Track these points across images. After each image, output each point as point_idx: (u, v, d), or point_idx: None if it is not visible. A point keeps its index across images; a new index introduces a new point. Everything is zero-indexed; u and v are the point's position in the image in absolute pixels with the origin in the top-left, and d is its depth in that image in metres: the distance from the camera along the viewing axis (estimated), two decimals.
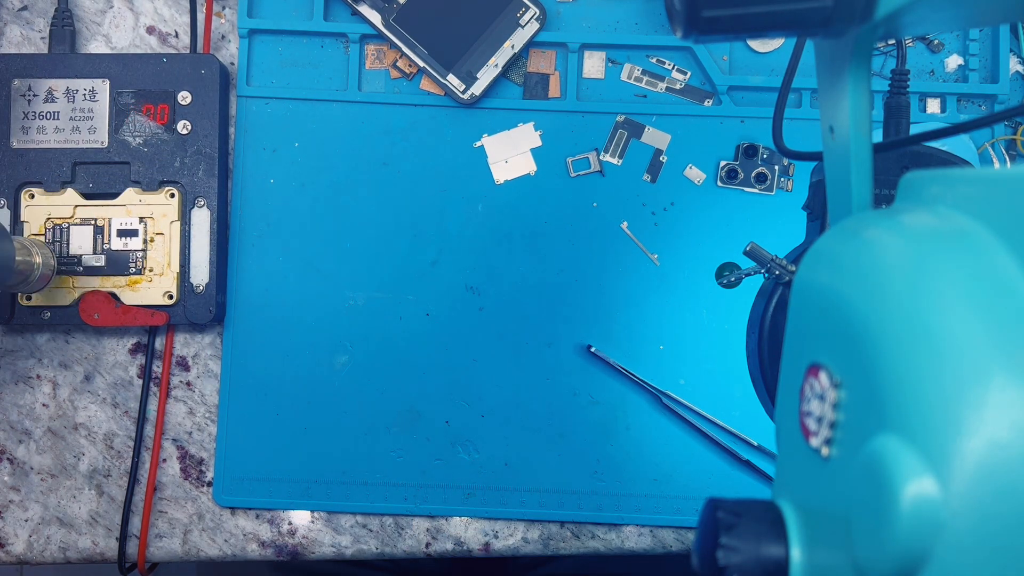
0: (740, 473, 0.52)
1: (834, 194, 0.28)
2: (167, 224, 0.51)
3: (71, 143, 0.51)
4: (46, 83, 0.51)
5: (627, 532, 0.52)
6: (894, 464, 0.17)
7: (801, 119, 0.53)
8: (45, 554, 0.52)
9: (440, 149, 0.53)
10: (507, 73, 0.53)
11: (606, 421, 0.52)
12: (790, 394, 0.24)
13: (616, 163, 0.53)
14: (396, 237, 0.53)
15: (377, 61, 0.54)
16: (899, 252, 0.20)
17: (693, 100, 0.53)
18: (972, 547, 0.17)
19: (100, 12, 0.54)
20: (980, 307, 0.18)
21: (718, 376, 0.52)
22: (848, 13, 0.23)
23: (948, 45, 0.54)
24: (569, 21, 0.54)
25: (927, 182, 0.23)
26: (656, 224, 0.53)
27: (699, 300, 0.53)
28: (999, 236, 0.19)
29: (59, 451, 0.53)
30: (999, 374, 0.17)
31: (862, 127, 0.26)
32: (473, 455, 0.52)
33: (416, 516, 0.53)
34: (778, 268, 0.36)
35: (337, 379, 0.53)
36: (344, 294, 0.53)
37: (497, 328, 0.53)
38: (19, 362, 0.53)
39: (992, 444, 0.17)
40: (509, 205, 0.53)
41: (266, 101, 0.53)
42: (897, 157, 0.38)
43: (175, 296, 0.51)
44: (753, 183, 0.53)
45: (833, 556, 0.20)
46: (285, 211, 0.53)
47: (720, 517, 0.22)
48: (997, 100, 0.53)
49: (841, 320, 0.21)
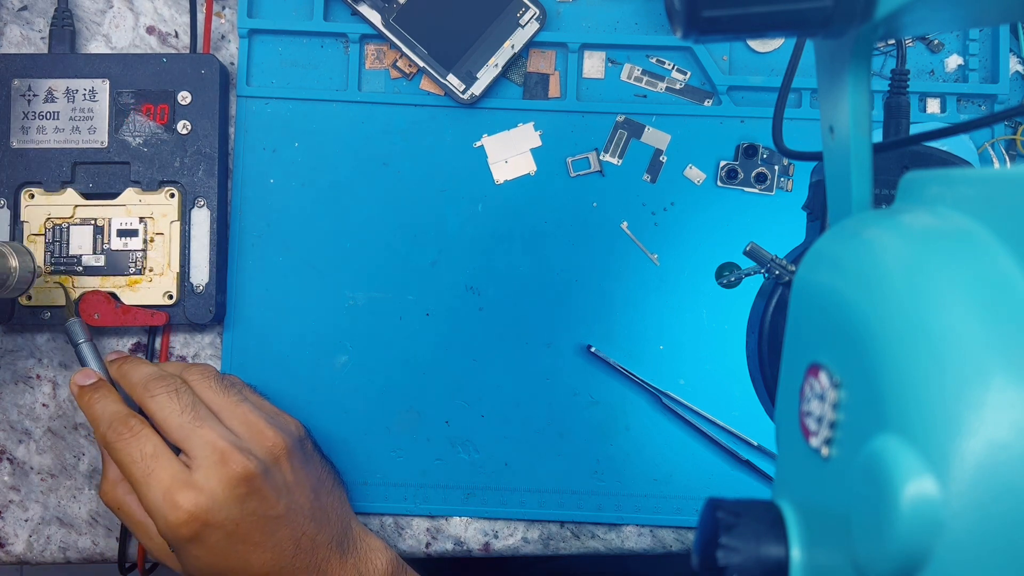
0: (740, 473, 0.52)
1: (834, 194, 0.28)
2: (167, 224, 0.51)
3: (71, 143, 0.51)
4: (46, 83, 0.51)
5: (627, 532, 0.52)
6: (894, 464, 0.17)
7: (801, 119, 0.53)
8: (45, 554, 0.52)
9: (440, 149, 0.53)
10: (507, 73, 0.53)
11: (606, 421, 0.52)
12: (790, 394, 0.24)
13: (616, 163, 0.53)
14: (396, 237, 0.53)
15: (377, 61, 0.54)
16: (899, 252, 0.20)
17: (693, 100, 0.53)
18: (972, 547, 0.17)
19: (100, 12, 0.54)
20: (980, 307, 0.18)
21: (718, 376, 0.52)
22: (848, 13, 0.23)
23: (948, 45, 0.54)
24: (569, 21, 0.54)
25: (927, 182, 0.23)
26: (656, 224, 0.53)
27: (699, 300, 0.53)
28: (999, 236, 0.19)
29: (59, 451, 0.53)
30: (999, 374, 0.17)
31: (862, 127, 0.26)
32: (473, 455, 0.52)
33: (416, 516, 0.53)
34: (778, 268, 0.36)
35: (337, 379, 0.53)
36: (344, 294, 0.53)
37: (497, 328, 0.53)
38: (19, 362, 0.53)
39: (992, 444, 0.17)
40: (509, 205, 0.53)
41: (266, 101, 0.53)
42: (897, 157, 0.38)
43: (175, 296, 0.51)
44: (753, 183, 0.53)
45: (833, 556, 0.20)
46: (285, 211, 0.53)
47: (720, 517, 0.22)
48: (997, 100, 0.53)
49: (841, 320, 0.21)
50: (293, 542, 0.44)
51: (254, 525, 0.43)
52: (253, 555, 0.43)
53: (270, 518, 0.44)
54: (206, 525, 0.42)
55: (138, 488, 0.43)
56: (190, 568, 0.44)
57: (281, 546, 0.44)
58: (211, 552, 0.43)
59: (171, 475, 0.42)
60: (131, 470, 0.43)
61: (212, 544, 0.42)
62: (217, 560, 0.43)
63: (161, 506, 0.42)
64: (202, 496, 0.42)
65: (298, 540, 0.45)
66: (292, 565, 0.44)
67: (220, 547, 0.43)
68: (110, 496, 0.46)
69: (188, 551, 0.43)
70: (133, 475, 0.43)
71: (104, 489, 0.47)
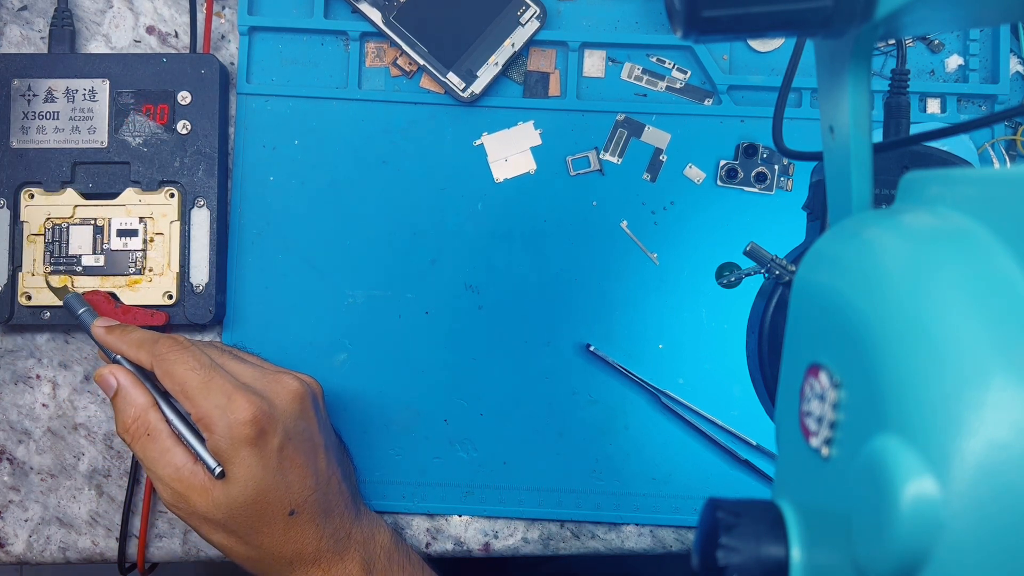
0: (739, 473, 0.52)
1: (834, 194, 0.28)
2: (167, 224, 0.51)
3: (71, 143, 0.51)
4: (46, 83, 0.51)
5: (627, 532, 0.53)
6: (894, 464, 0.17)
7: (801, 119, 0.53)
8: (45, 554, 0.52)
9: (440, 147, 0.53)
10: (507, 72, 0.53)
11: (605, 420, 0.52)
12: (790, 394, 0.24)
13: (616, 162, 0.53)
14: (395, 235, 0.53)
15: (377, 59, 0.54)
16: (899, 252, 0.20)
17: (693, 99, 0.53)
18: (972, 547, 0.17)
19: (100, 12, 0.54)
20: (980, 307, 0.18)
21: (717, 376, 0.52)
22: (848, 13, 0.23)
23: (948, 45, 0.54)
24: (569, 20, 0.54)
25: (927, 182, 0.23)
26: (656, 223, 0.53)
27: (699, 300, 0.53)
28: (999, 236, 0.20)
29: (59, 451, 0.53)
30: (999, 374, 0.17)
31: (862, 127, 0.26)
32: (472, 453, 0.52)
33: (416, 515, 0.53)
34: (778, 268, 0.36)
35: (336, 377, 0.53)
36: (343, 292, 0.53)
37: (496, 327, 0.53)
38: (19, 362, 0.53)
39: (992, 444, 0.17)
40: (509, 204, 0.53)
41: (266, 99, 0.53)
42: (897, 157, 0.38)
43: (175, 296, 0.51)
44: (753, 183, 0.53)
45: (833, 556, 0.20)
46: (284, 209, 0.53)
47: (720, 517, 0.22)
48: (997, 100, 0.53)
49: (841, 320, 0.21)
50: (326, 477, 0.45)
51: (301, 444, 0.44)
52: (293, 475, 0.44)
53: (315, 443, 0.45)
54: (264, 431, 0.43)
55: (196, 394, 0.43)
56: (232, 486, 0.43)
57: (318, 476, 0.45)
58: (263, 461, 0.43)
59: (231, 383, 0.43)
60: (189, 376, 0.43)
61: (267, 452, 0.43)
62: (265, 474, 0.43)
63: (226, 405, 0.42)
64: (263, 402, 0.43)
65: (329, 477, 0.46)
66: (321, 504, 0.45)
67: (271, 457, 0.43)
68: (140, 422, 0.45)
69: (242, 457, 0.43)
70: (190, 382, 0.43)
71: (131, 417, 0.45)
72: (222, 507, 0.43)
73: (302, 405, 0.45)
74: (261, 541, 0.44)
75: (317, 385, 0.48)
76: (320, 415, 0.47)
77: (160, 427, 0.45)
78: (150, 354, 0.45)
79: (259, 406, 0.43)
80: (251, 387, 0.44)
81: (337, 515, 0.46)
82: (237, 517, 0.44)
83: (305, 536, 0.45)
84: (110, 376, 0.46)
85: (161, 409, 0.45)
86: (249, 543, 0.44)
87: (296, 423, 0.44)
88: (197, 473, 0.44)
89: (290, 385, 0.45)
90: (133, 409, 0.45)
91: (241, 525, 0.44)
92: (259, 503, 0.43)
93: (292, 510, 0.44)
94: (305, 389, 0.45)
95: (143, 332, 0.46)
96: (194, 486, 0.44)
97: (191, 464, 0.44)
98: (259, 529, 0.44)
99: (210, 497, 0.43)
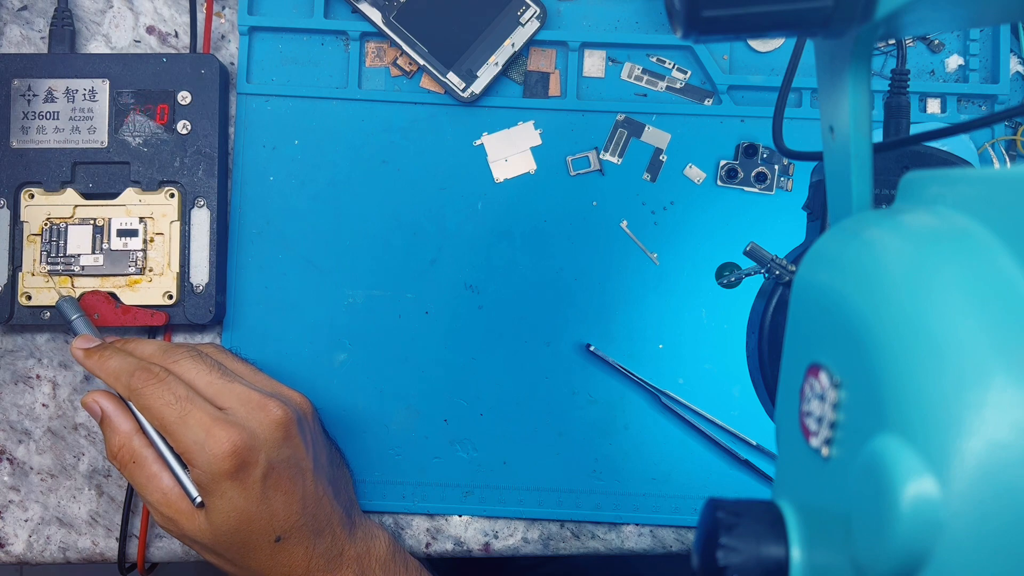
0: (739, 473, 0.52)
1: (834, 194, 0.28)
2: (167, 224, 0.51)
3: (71, 143, 0.51)
4: (46, 83, 0.51)
5: (627, 532, 0.52)
6: (894, 464, 0.17)
7: (801, 119, 0.53)
8: (45, 554, 0.52)
9: (440, 147, 0.53)
10: (507, 71, 0.53)
11: (605, 420, 0.52)
12: (790, 394, 0.24)
13: (616, 162, 0.53)
14: (395, 235, 0.53)
15: (377, 59, 0.54)
16: (899, 252, 0.20)
17: (693, 99, 0.53)
18: (972, 547, 0.17)
19: (100, 12, 0.54)
20: (980, 307, 0.18)
21: (717, 376, 0.52)
22: (848, 13, 0.23)
23: (948, 45, 0.54)
24: (569, 20, 0.54)
25: (927, 182, 0.23)
26: (656, 223, 0.53)
27: (699, 300, 0.53)
28: (999, 236, 0.20)
29: (59, 451, 0.53)
30: (999, 374, 0.17)
31: (862, 127, 0.26)
32: (471, 453, 0.52)
33: (416, 516, 0.53)
34: (778, 268, 0.36)
35: (336, 377, 0.53)
36: (343, 292, 0.53)
37: (496, 327, 0.53)
38: (19, 362, 0.53)
39: (992, 444, 0.17)
40: (509, 203, 0.53)
41: (266, 98, 0.53)
42: (897, 157, 0.38)
43: (175, 296, 0.51)
44: (753, 183, 0.53)
45: (833, 556, 0.20)
46: (284, 209, 0.53)
47: (720, 517, 0.22)
48: (997, 100, 0.53)
49: (841, 320, 0.21)
50: (315, 499, 0.45)
51: (286, 472, 0.44)
52: (278, 502, 0.43)
53: (301, 468, 0.44)
54: (245, 463, 0.42)
55: (175, 429, 0.42)
56: (215, 516, 0.43)
57: (305, 500, 0.44)
58: (244, 493, 0.42)
59: (210, 415, 0.42)
60: (165, 412, 0.42)
61: (248, 484, 0.42)
62: (247, 504, 0.43)
63: (204, 441, 0.42)
64: (244, 433, 0.42)
65: (319, 498, 0.45)
66: (310, 526, 0.44)
67: (254, 489, 0.43)
68: (125, 450, 0.45)
69: (223, 490, 0.42)
70: (167, 417, 0.42)
71: (116, 445, 0.45)
72: (207, 534, 0.43)
73: (286, 432, 0.44)
74: (249, 564, 0.44)
75: (307, 404, 0.47)
76: (308, 437, 0.46)
77: (145, 453, 0.44)
78: (126, 388, 0.44)
79: (238, 439, 0.42)
80: (233, 416, 0.43)
81: (328, 534, 0.45)
82: (222, 543, 0.44)
83: (293, 559, 0.44)
84: (94, 404, 0.45)
85: (147, 433, 0.45)
86: (238, 565, 0.45)
87: (280, 451, 0.43)
88: (184, 499, 0.44)
89: (273, 414, 0.43)
90: (118, 437, 0.45)
91: (227, 550, 0.44)
92: (242, 532, 0.43)
93: (278, 536, 0.44)
94: (290, 415, 0.44)
95: (120, 360, 0.45)
96: (182, 511, 0.44)
97: (177, 489, 0.44)
98: (245, 554, 0.44)
99: (196, 523, 0.44)
